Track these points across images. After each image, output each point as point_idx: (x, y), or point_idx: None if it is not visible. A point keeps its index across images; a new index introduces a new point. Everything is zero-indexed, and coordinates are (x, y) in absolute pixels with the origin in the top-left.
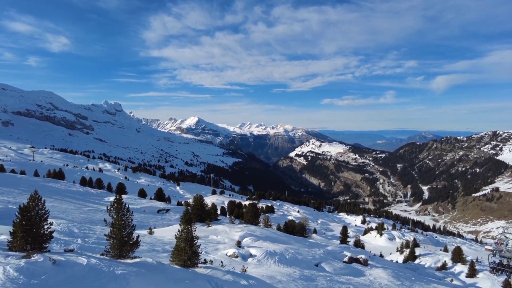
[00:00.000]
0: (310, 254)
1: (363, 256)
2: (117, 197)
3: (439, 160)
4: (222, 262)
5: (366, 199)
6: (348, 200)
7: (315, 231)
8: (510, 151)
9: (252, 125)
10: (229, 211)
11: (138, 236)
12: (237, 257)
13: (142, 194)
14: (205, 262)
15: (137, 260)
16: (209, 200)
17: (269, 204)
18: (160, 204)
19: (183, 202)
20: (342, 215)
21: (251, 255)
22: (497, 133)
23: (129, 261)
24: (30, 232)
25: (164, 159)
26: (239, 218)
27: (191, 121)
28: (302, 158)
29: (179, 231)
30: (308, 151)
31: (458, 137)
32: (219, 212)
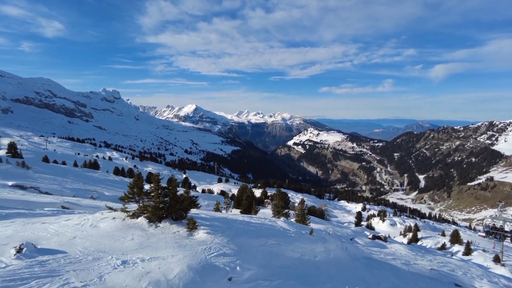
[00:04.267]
0: (343, 231)
1: (383, 234)
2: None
3: (436, 150)
4: None
5: (363, 188)
6: (346, 188)
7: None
8: (505, 141)
9: (250, 113)
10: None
11: (289, 208)
12: None
13: None
14: None
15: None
16: (216, 188)
17: (275, 192)
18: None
19: (206, 190)
20: (343, 202)
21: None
22: (493, 123)
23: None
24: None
25: (164, 147)
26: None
27: (188, 108)
28: (300, 146)
29: (298, 204)
30: (306, 140)
31: (455, 127)
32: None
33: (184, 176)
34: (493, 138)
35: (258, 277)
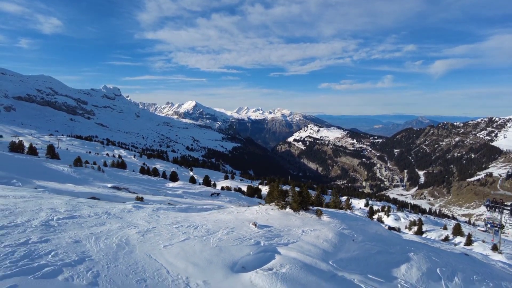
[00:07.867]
0: None
1: (397, 226)
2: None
3: (436, 146)
4: None
5: (363, 184)
6: (346, 185)
7: None
8: (505, 137)
9: (250, 109)
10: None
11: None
12: None
13: (192, 180)
14: None
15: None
16: (223, 184)
17: (281, 189)
18: (211, 189)
19: (225, 187)
20: (346, 198)
21: None
22: (493, 119)
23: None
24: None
25: (165, 144)
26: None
27: (188, 105)
28: (300, 143)
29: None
30: (306, 136)
31: (455, 123)
32: None
33: (191, 173)
34: (493, 134)
35: (364, 240)
